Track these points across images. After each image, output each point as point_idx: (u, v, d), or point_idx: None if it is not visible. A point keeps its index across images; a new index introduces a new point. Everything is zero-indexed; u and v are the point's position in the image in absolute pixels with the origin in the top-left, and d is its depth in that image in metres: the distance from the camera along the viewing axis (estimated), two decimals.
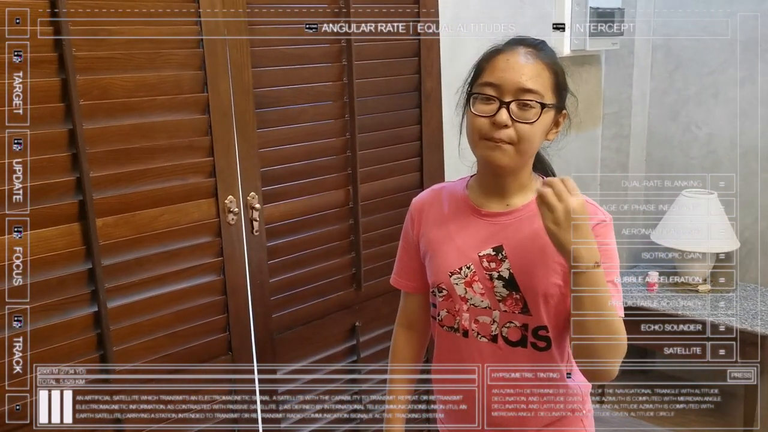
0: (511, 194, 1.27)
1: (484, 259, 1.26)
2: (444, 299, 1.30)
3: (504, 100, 1.17)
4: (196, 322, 1.63)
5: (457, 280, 1.27)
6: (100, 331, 1.46)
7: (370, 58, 1.93)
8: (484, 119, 1.18)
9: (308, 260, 1.88)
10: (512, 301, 1.25)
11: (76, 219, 1.41)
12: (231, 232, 1.66)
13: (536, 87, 1.18)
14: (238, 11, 1.59)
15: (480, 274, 1.26)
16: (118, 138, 1.44)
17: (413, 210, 1.37)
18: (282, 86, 1.74)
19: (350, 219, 1.96)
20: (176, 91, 1.52)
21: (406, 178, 2.10)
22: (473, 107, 1.20)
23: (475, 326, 1.28)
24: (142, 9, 1.44)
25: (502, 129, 1.17)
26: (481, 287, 1.26)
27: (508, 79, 1.17)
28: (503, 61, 1.20)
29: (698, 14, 2.99)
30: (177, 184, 1.55)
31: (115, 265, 1.47)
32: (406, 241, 1.39)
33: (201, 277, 1.63)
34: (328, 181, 1.90)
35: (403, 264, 1.41)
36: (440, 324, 1.33)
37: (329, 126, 1.87)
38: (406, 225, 1.39)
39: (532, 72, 1.19)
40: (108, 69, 1.41)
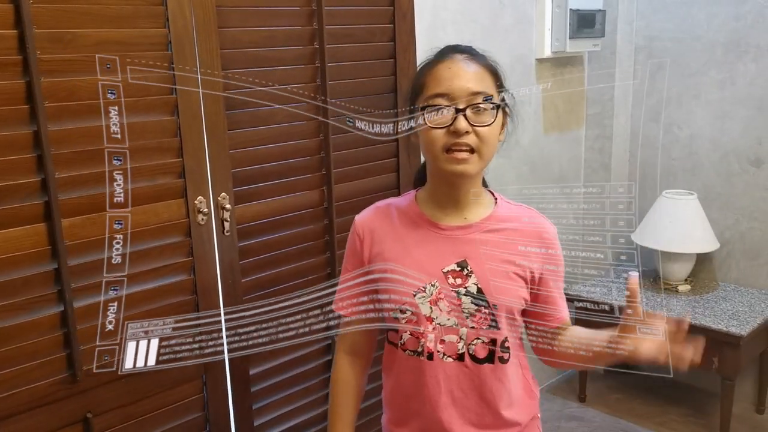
0: (467, 206, 1.26)
1: (450, 275, 1.22)
2: (407, 321, 1.24)
3: (459, 107, 1.16)
4: None
5: (422, 299, 1.22)
6: (67, 330, 1.47)
7: (344, 59, 1.94)
8: (440, 131, 1.16)
9: (282, 260, 1.90)
10: (481, 316, 1.22)
11: (42, 219, 1.42)
12: (201, 232, 1.68)
13: (485, 89, 1.18)
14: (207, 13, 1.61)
15: (446, 292, 1.22)
16: (84, 140, 1.45)
17: (360, 230, 1.31)
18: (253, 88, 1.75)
19: (325, 219, 1.98)
20: (144, 93, 1.53)
21: (382, 179, 2.12)
22: (428, 120, 1.17)
23: (441, 347, 1.23)
24: (108, 11, 1.46)
25: (463, 136, 1.16)
26: (447, 305, 1.22)
27: (457, 85, 1.17)
28: (445, 70, 1.19)
29: (680, 16, 3.00)
30: (146, 185, 1.56)
31: (82, 265, 1.48)
32: (353, 264, 1.31)
33: (171, 277, 1.64)
34: (302, 182, 1.91)
35: (348, 288, 1.29)
36: (402, 348, 1.27)
37: (303, 127, 1.88)
38: (352, 246, 1.33)
39: (477, 75, 1.19)
40: (74, 71, 1.42)
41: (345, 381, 1.36)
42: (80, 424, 1.54)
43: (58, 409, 1.49)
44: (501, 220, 1.27)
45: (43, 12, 1.37)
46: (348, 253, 1.34)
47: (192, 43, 1.59)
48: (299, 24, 1.82)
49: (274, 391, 1.92)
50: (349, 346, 1.37)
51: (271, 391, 1.91)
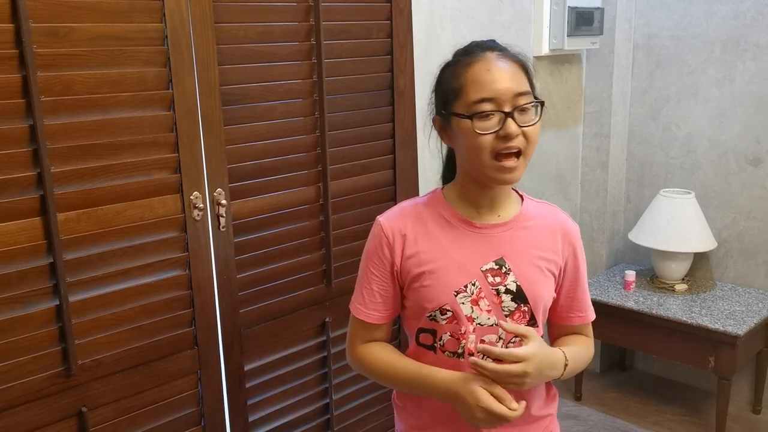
0: (501, 204, 1.26)
1: (489, 274, 1.22)
2: (448, 322, 1.22)
3: (506, 111, 1.14)
4: (161, 316, 1.64)
5: (464, 299, 1.21)
6: (62, 325, 1.48)
7: (341, 56, 1.94)
8: (488, 137, 1.14)
9: (278, 256, 1.90)
10: (519, 314, 1.23)
11: (38, 213, 1.42)
12: (197, 227, 1.68)
13: (526, 87, 1.17)
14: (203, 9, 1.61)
15: (486, 290, 1.21)
16: (80, 134, 1.45)
17: (390, 233, 1.25)
18: (250, 83, 1.75)
19: (321, 215, 1.98)
20: (140, 87, 1.53)
21: (379, 176, 2.12)
22: (475, 127, 1.14)
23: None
24: (105, 5, 1.45)
25: (513, 140, 1.14)
26: (488, 303, 1.21)
27: (501, 88, 1.14)
28: (485, 73, 1.15)
29: (679, 14, 3.00)
30: (141, 179, 1.56)
31: (78, 260, 1.49)
32: (379, 269, 1.26)
33: (166, 272, 1.64)
34: (298, 178, 1.91)
35: (372, 294, 1.27)
36: (441, 350, 1.24)
37: (299, 123, 1.88)
38: (377, 251, 1.27)
39: (515, 74, 1.17)
40: (70, 65, 1.42)
41: (382, 349, 1.29)
42: (75, 418, 1.54)
43: (53, 402, 1.50)
44: (530, 218, 1.28)
45: (39, 6, 1.37)
46: (371, 256, 1.28)
47: (188, 38, 1.59)
48: (296, 20, 1.82)
49: (269, 387, 1.92)
50: (369, 341, 1.31)
51: (266, 387, 1.91)
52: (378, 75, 2.05)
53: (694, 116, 3.04)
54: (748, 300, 2.83)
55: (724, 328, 2.58)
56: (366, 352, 1.30)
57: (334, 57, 1.92)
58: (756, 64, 2.83)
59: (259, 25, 1.75)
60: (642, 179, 3.26)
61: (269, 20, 1.77)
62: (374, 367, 1.28)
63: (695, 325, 2.65)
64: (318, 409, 2.04)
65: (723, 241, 3.01)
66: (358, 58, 1.99)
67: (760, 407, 2.98)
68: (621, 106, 3.18)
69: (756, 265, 2.96)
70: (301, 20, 1.83)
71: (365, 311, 1.28)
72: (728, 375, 2.64)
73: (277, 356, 1.92)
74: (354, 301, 1.31)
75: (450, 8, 2.47)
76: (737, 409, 2.98)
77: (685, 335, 2.71)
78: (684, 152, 3.09)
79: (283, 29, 1.80)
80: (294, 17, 1.82)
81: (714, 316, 2.68)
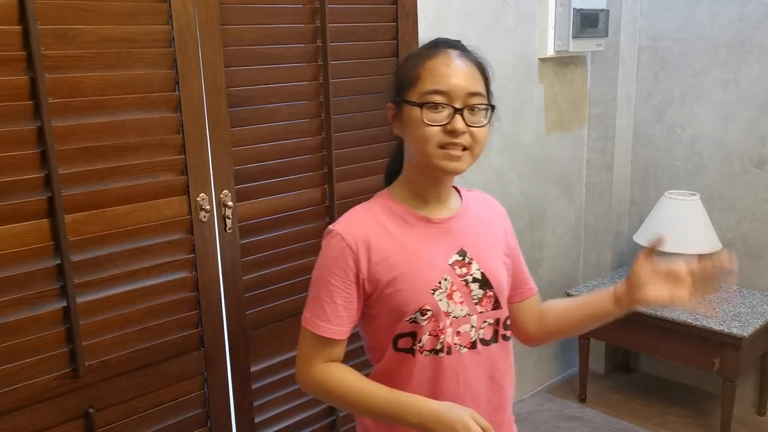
0: (448, 197, 1.31)
1: (456, 266, 1.25)
2: (428, 321, 1.22)
3: (456, 107, 1.18)
4: (168, 317, 1.65)
5: (440, 295, 1.22)
6: (69, 326, 1.48)
7: (347, 58, 1.94)
8: (436, 128, 1.18)
9: (284, 258, 1.90)
10: (486, 299, 1.28)
11: (45, 215, 1.43)
12: (203, 229, 1.68)
13: (480, 89, 1.21)
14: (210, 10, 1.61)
15: (457, 283, 1.24)
16: (88, 136, 1.46)
17: (352, 242, 1.21)
18: (256, 86, 1.76)
19: (327, 217, 1.98)
20: (147, 89, 1.53)
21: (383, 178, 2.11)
22: (424, 117, 1.18)
23: (458, 339, 1.25)
24: (112, 8, 1.46)
25: (459, 136, 1.18)
26: (460, 296, 1.24)
27: (456, 84, 1.18)
28: (443, 67, 1.19)
29: (683, 16, 3.00)
30: (148, 181, 1.57)
31: (85, 261, 1.49)
32: (342, 281, 1.21)
33: (172, 274, 1.65)
34: (304, 180, 1.92)
35: (336, 308, 1.21)
36: (420, 351, 1.23)
37: (305, 125, 1.89)
38: (338, 262, 1.21)
39: (472, 74, 1.20)
40: (78, 67, 1.43)
41: (346, 372, 1.24)
42: (82, 419, 1.54)
43: (60, 403, 1.50)
44: (473, 207, 1.34)
45: (47, 8, 1.38)
46: (331, 269, 1.22)
47: (195, 40, 1.60)
48: (302, 22, 1.83)
49: (275, 389, 1.92)
50: (328, 360, 1.25)
51: (272, 389, 1.91)
52: (384, 77, 2.05)
53: (699, 118, 3.03)
54: (753, 302, 2.83)
55: (728, 329, 2.58)
56: (328, 373, 1.23)
57: (340, 59, 1.92)
58: (761, 67, 2.83)
59: (266, 27, 1.76)
60: (647, 181, 3.25)
61: (275, 22, 1.77)
62: (339, 392, 1.22)
63: (700, 326, 2.65)
64: (324, 411, 2.04)
65: (728, 242, 3.01)
66: (364, 60, 1.99)
67: (765, 409, 2.98)
68: (626, 108, 3.18)
69: (761, 267, 2.96)
70: (307, 22, 1.84)
71: (329, 327, 1.22)
72: (733, 377, 2.64)
73: (283, 357, 1.92)
74: (314, 318, 1.23)
75: (455, 10, 2.47)
76: (742, 411, 2.98)
77: (690, 337, 2.71)
78: (688, 154, 3.09)
79: (290, 31, 1.81)
80: (300, 19, 1.82)
81: (719, 317, 2.68)
